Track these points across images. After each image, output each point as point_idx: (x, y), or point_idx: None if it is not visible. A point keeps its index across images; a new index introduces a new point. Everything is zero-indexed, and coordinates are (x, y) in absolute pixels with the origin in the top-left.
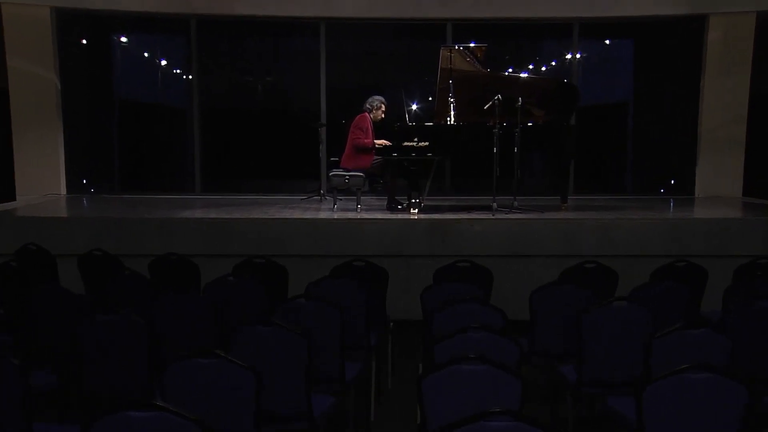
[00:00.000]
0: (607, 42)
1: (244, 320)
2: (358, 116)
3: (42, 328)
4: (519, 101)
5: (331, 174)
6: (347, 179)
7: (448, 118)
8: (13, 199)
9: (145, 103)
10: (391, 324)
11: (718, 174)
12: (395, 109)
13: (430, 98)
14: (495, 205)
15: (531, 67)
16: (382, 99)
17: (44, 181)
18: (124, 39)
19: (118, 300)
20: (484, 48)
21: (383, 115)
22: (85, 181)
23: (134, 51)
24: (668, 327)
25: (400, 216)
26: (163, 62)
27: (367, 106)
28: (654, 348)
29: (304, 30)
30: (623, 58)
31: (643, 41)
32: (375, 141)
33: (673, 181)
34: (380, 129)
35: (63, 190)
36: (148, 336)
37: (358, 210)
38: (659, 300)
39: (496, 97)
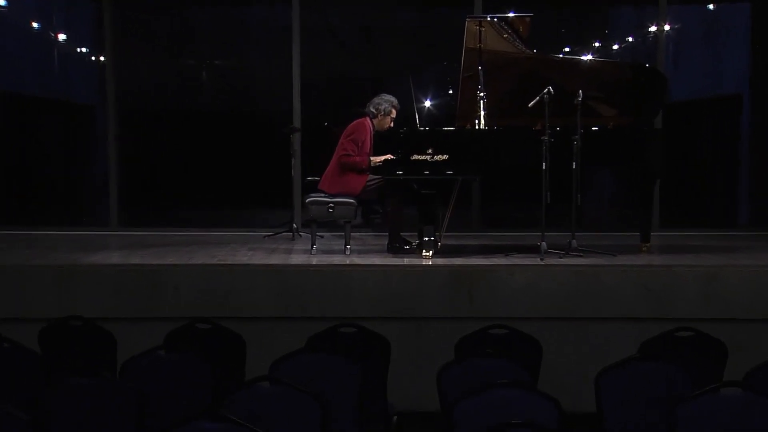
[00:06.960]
0: (711, 7)
1: (182, 413)
2: (356, 122)
3: None
4: (579, 95)
5: (308, 200)
6: (331, 208)
7: (477, 121)
8: None
9: (34, 97)
10: (395, 418)
11: None
12: (401, 107)
13: (451, 91)
14: (544, 245)
15: (597, 45)
16: (394, 101)
17: None
18: (1, 2)
19: None
20: (528, 20)
21: (392, 124)
22: None
23: (17, 20)
24: None
25: (407, 261)
26: (62, 37)
27: (372, 109)
28: None
29: None
30: (734, 31)
31: (765, 7)
32: (372, 159)
33: None
34: (381, 138)
35: None
36: None
37: (347, 252)
38: None
39: (546, 90)
